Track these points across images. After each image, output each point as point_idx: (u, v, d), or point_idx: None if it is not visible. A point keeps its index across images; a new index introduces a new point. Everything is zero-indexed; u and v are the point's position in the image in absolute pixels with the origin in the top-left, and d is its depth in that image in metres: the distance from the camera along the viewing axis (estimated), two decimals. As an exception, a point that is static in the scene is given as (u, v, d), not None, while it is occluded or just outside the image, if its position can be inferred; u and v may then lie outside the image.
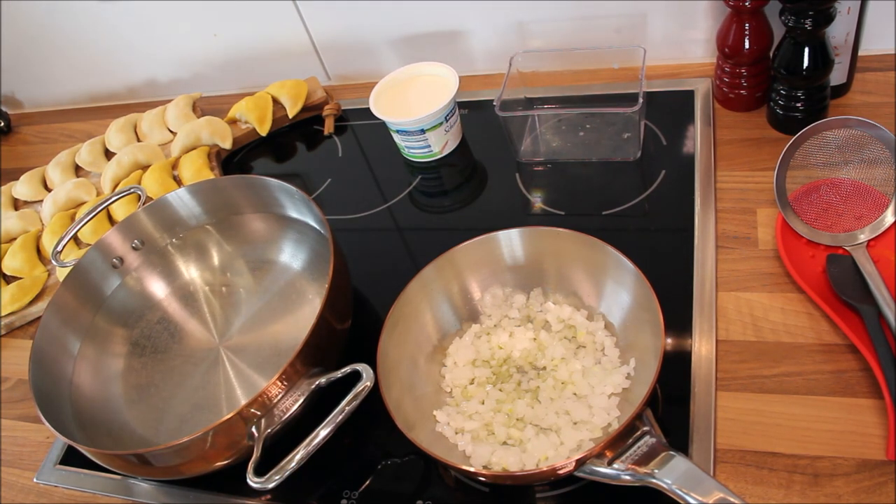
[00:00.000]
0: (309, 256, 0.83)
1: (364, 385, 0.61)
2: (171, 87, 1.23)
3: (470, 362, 0.69)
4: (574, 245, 0.69)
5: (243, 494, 0.68)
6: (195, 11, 1.11)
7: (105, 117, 1.21)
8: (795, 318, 0.67)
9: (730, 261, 0.73)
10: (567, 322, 0.70)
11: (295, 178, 1.01)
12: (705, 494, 0.50)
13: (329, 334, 0.67)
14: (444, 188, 0.94)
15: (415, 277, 0.69)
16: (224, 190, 0.83)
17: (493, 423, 0.64)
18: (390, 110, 0.92)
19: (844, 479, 0.57)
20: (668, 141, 0.87)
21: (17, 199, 1.11)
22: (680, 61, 0.96)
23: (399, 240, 0.89)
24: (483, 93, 1.01)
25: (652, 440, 0.55)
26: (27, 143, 1.31)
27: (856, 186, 0.71)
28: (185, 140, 1.03)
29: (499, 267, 0.73)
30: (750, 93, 0.85)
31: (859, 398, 0.61)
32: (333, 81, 1.16)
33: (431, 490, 0.64)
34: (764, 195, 0.77)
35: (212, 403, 0.74)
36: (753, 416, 0.62)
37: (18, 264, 0.97)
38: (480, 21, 1.01)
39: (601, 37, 0.97)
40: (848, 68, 0.82)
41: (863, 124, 0.68)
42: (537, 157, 0.91)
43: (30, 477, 0.77)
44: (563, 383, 0.66)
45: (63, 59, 1.26)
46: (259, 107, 1.04)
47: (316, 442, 0.60)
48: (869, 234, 0.69)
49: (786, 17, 0.74)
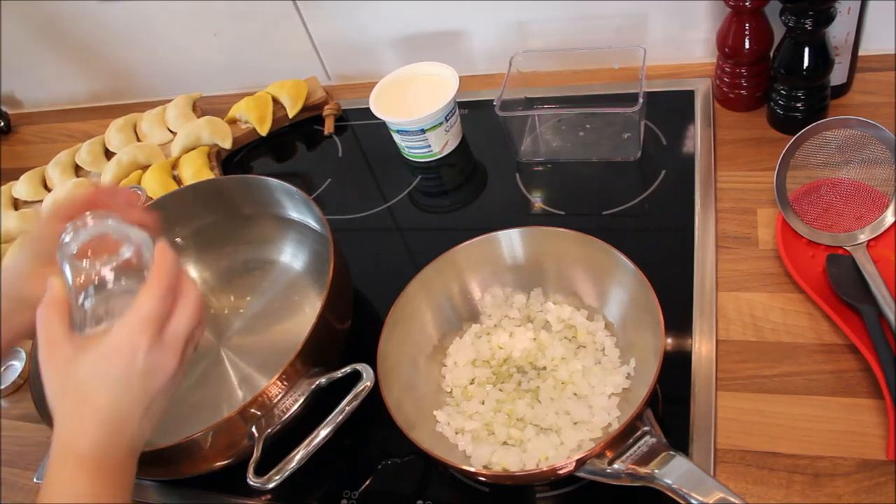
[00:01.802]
0: (309, 256, 0.83)
1: (364, 385, 0.61)
2: (171, 87, 1.23)
3: (470, 362, 0.69)
4: (574, 245, 0.68)
5: (243, 494, 0.68)
6: (195, 11, 1.11)
7: (105, 117, 1.20)
8: (795, 318, 0.67)
9: (730, 261, 0.73)
10: (567, 322, 0.70)
11: (295, 178, 1.01)
12: (705, 494, 0.50)
13: (329, 334, 0.67)
14: (444, 188, 0.94)
15: (415, 277, 0.69)
16: (224, 190, 0.83)
17: (494, 423, 0.64)
18: (390, 110, 0.92)
19: (844, 479, 0.57)
20: (668, 141, 0.87)
21: (17, 199, 1.10)
22: (680, 61, 0.96)
23: (399, 240, 0.89)
24: (483, 93, 1.01)
25: (652, 440, 0.55)
26: (27, 143, 1.31)
27: (856, 186, 0.71)
28: (185, 140, 1.03)
29: (499, 267, 0.73)
30: (750, 93, 0.85)
31: (859, 398, 0.61)
32: (333, 81, 1.16)
33: (431, 490, 0.64)
34: (764, 195, 0.77)
35: (212, 403, 0.74)
36: (754, 416, 0.62)
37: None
38: (480, 21, 1.01)
39: (601, 37, 0.97)
40: (848, 68, 0.82)
41: (863, 124, 0.68)
42: (537, 157, 0.91)
43: (30, 477, 0.77)
44: (564, 383, 0.66)
45: (63, 59, 1.26)
46: (259, 107, 1.04)
47: (316, 442, 0.60)
48: (869, 234, 0.69)
49: (786, 17, 0.74)
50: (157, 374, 0.49)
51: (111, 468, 0.48)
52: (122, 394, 0.48)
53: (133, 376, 0.48)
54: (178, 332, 0.50)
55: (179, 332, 0.50)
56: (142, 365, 0.48)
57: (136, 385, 0.49)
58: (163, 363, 0.49)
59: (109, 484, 0.48)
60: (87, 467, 0.48)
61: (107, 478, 0.48)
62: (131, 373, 0.48)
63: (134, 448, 0.50)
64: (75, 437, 0.48)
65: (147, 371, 0.49)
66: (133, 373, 0.48)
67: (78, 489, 0.47)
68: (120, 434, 0.49)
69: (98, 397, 0.48)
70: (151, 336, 0.49)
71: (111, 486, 0.48)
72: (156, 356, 0.49)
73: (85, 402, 0.48)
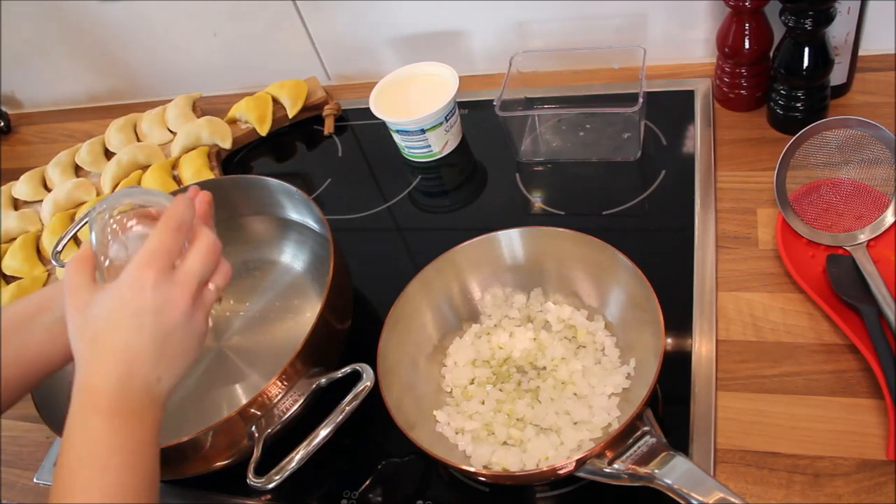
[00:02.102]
0: (309, 256, 0.83)
1: (364, 385, 0.61)
2: (171, 87, 1.23)
3: (470, 362, 0.69)
4: (574, 245, 0.68)
5: (243, 494, 0.68)
6: (195, 11, 1.11)
7: (105, 117, 1.21)
8: (795, 318, 0.67)
9: (730, 261, 0.73)
10: (567, 322, 0.70)
11: (295, 178, 1.01)
12: (705, 494, 0.50)
13: (329, 334, 0.67)
14: (444, 188, 0.94)
15: (415, 277, 0.69)
16: (224, 190, 0.83)
17: (494, 423, 0.64)
18: (390, 110, 0.92)
19: (844, 479, 0.57)
20: (668, 141, 0.87)
21: (17, 199, 1.10)
22: (680, 61, 0.96)
23: (399, 240, 0.89)
24: (483, 93, 1.01)
25: (652, 440, 0.55)
26: (27, 143, 1.31)
27: (856, 186, 0.71)
28: (185, 140, 1.03)
29: (499, 267, 0.73)
30: (750, 93, 0.85)
31: (859, 398, 0.61)
32: (333, 81, 1.16)
33: (431, 490, 0.64)
34: (764, 195, 0.77)
35: (212, 403, 0.74)
36: (753, 416, 0.62)
37: (18, 264, 0.97)
38: (480, 21, 1.01)
39: (601, 37, 0.97)
40: (848, 68, 0.82)
41: (863, 124, 0.68)
42: (537, 157, 0.91)
43: (30, 477, 0.77)
44: (564, 383, 0.66)
45: (63, 59, 1.26)
46: (259, 107, 1.04)
47: (316, 442, 0.60)
48: (869, 234, 0.69)
49: (786, 17, 0.74)
50: (168, 309, 0.49)
51: (126, 413, 0.47)
52: (132, 329, 0.48)
53: (143, 312, 0.48)
54: (190, 271, 0.50)
55: (191, 270, 0.50)
56: (150, 299, 0.48)
57: (147, 322, 0.48)
58: (173, 298, 0.49)
59: (122, 429, 0.47)
60: (102, 410, 0.47)
61: (121, 422, 0.47)
62: (140, 308, 0.48)
63: (151, 394, 0.49)
64: (88, 377, 0.48)
65: (157, 307, 0.48)
66: (142, 308, 0.48)
67: (90, 433, 0.46)
68: (131, 373, 0.48)
69: (108, 334, 0.48)
70: (158, 270, 0.48)
71: (124, 432, 0.47)
72: (164, 291, 0.49)
73: (97, 340, 0.48)
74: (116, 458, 0.46)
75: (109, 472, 0.46)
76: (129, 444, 0.47)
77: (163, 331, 0.49)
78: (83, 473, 0.46)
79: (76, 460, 0.46)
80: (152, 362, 0.49)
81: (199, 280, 0.51)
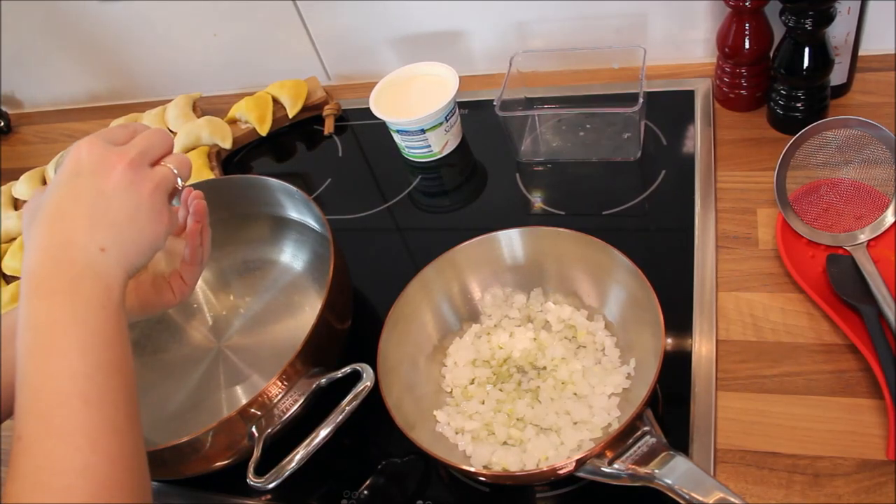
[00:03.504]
0: (309, 256, 0.83)
1: (364, 385, 0.61)
2: (171, 87, 1.23)
3: (470, 362, 0.69)
4: (574, 245, 0.68)
5: (243, 494, 0.68)
6: (195, 11, 1.11)
7: (105, 117, 1.21)
8: (795, 318, 0.67)
9: (730, 261, 0.73)
10: (567, 322, 0.70)
11: (295, 178, 1.01)
12: (706, 494, 0.50)
13: (329, 334, 0.67)
14: (444, 188, 0.94)
15: (415, 277, 0.69)
16: (224, 190, 0.83)
17: (494, 423, 0.64)
18: (390, 110, 0.92)
19: (844, 479, 0.57)
20: (668, 141, 0.87)
21: (17, 199, 1.11)
22: (680, 61, 0.96)
23: (399, 240, 0.89)
24: (483, 93, 1.01)
25: (652, 440, 0.55)
26: (27, 143, 1.31)
27: (856, 186, 0.71)
28: (185, 140, 1.03)
29: (499, 267, 0.73)
30: (750, 93, 0.85)
31: (859, 398, 0.61)
32: (333, 81, 1.16)
33: (431, 490, 0.64)
34: (764, 195, 0.77)
35: (212, 403, 0.74)
36: (754, 416, 0.62)
37: (18, 264, 0.97)
38: (480, 21, 1.01)
39: (601, 37, 0.97)
40: (848, 68, 0.82)
41: (863, 124, 0.68)
42: (537, 157, 0.91)
43: (30, 477, 0.77)
44: (564, 383, 0.66)
45: (63, 59, 1.26)
46: (259, 107, 1.04)
47: (316, 442, 0.60)
48: (869, 234, 0.69)
49: (786, 17, 0.74)
50: (102, 170, 0.48)
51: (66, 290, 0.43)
52: (65, 193, 0.48)
53: (77, 175, 0.48)
54: (132, 143, 0.51)
55: (133, 143, 0.51)
56: (86, 162, 0.48)
57: (81, 184, 0.48)
58: (108, 159, 0.49)
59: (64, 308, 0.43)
60: (42, 291, 0.43)
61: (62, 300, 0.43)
62: (75, 172, 0.48)
63: (95, 267, 0.45)
64: (27, 262, 0.45)
65: (91, 168, 0.48)
66: (77, 171, 0.48)
67: (32, 320, 0.43)
68: (67, 241, 0.45)
69: (45, 207, 0.47)
70: (93, 142, 0.49)
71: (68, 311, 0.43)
72: (100, 152, 0.49)
73: (35, 218, 0.47)
74: (65, 341, 0.42)
75: (60, 358, 0.41)
76: (76, 325, 0.43)
77: (97, 190, 0.48)
78: (31, 366, 0.42)
79: (26, 354, 0.42)
80: (87, 226, 0.46)
81: (141, 150, 0.50)
